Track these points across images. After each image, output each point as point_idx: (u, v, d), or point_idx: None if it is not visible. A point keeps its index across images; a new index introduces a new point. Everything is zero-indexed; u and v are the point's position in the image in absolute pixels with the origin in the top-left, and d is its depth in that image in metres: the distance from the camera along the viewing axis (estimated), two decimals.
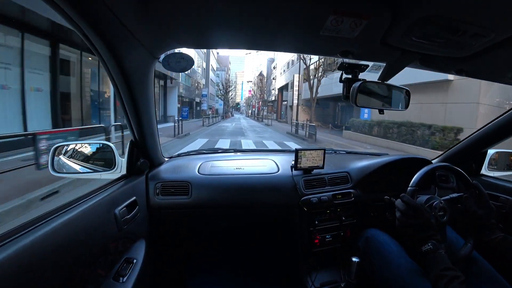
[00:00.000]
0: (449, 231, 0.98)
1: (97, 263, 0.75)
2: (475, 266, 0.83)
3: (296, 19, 0.60)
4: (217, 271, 1.47)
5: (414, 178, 0.84)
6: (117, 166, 0.96)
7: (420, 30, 0.56)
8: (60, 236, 0.60)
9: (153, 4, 0.56)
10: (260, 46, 0.84)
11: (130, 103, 0.86)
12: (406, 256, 0.88)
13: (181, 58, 0.89)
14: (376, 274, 0.91)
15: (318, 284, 1.18)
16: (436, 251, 0.69)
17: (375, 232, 1.03)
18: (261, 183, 1.18)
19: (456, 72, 0.84)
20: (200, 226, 1.26)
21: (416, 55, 0.71)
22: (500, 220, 0.85)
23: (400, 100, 0.85)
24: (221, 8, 0.58)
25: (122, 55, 0.70)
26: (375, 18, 0.56)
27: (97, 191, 0.82)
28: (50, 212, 0.64)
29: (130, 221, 0.88)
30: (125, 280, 0.81)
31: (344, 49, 0.75)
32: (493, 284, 0.78)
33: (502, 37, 0.56)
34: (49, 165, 0.90)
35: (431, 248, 0.69)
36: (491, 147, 1.26)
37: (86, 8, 0.53)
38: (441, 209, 0.80)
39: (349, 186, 1.24)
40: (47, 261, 0.55)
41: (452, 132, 7.91)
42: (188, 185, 1.13)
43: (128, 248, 0.93)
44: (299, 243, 1.22)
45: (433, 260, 0.68)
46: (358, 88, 0.75)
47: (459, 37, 0.57)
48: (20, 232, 0.54)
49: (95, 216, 0.73)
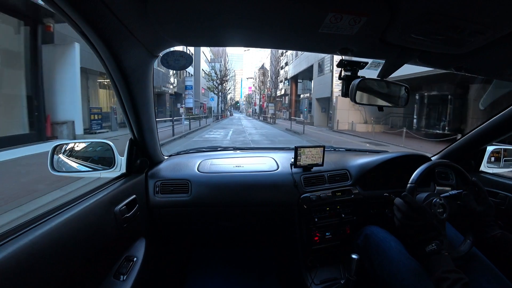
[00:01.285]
0: (449, 227, 0.99)
1: (97, 261, 0.75)
2: (475, 262, 0.84)
3: (295, 17, 0.60)
4: (217, 268, 1.47)
5: (413, 175, 0.84)
6: (117, 164, 0.96)
7: (419, 27, 0.56)
8: (60, 234, 0.60)
9: (151, 2, 0.56)
10: (259, 43, 0.84)
11: (129, 101, 0.85)
12: (406, 253, 0.89)
13: (180, 56, 0.89)
14: (376, 271, 0.91)
15: (317, 281, 1.19)
16: (440, 252, 0.68)
17: (375, 229, 1.04)
18: (261, 180, 1.18)
19: (455, 69, 0.84)
20: (200, 224, 1.26)
21: (415, 52, 0.71)
22: (499, 216, 0.85)
23: (399, 97, 0.85)
24: (219, 5, 0.57)
25: (120, 53, 0.70)
26: (374, 15, 0.56)
27: (97, 190, 0.82)
28: (50, 211, 0.64)
29: (130, 219, 0.88)
30: (125, 278, 0.82)
31: (343, 46, 0.75)
32: (493, 279, 0.78)
33: (501, 34, 0.56)
34: (49, 164, 0.90)
35: (434, 249, 0.68)
36: (490, 144, 1.26)
37: (84, 6, 0.53)
38: (440, 206, 0.80)
39: (349, 183, 1.24)
40: (47, 260, 0.55)
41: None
42: (188, 183, 1.13)
43: (128, 247, 0.93)
44: (299, 240, 1.22)
45: (436, 262, 0.67)
46: (357, 85, 0.75)
47: (458, 34, 0.57)
48: (20, 231, 0.54)
49: (95, 214, 0.73)
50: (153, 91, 0.95)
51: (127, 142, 1.00)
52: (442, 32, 0.57)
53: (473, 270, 0.81)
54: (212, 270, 1.46)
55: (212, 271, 1.45)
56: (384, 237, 0.97)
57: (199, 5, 0.57)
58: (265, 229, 1.34)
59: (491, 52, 0.67)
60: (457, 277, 0.63)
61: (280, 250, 1.45)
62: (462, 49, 0.66)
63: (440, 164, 0.92)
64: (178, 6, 0.58)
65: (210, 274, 1.43)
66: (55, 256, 0.58)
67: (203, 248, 1.57)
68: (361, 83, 0.76)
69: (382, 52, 0.78)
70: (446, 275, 0.64)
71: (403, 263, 0.85)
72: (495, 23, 0.52)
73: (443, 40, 0.61)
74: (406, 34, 0.60)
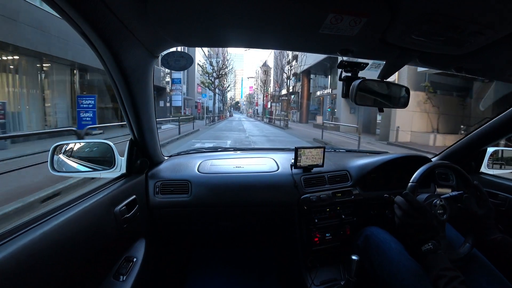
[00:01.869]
0: (449, 229, 0.98)
1: (97, 261, 0.75)
2: (475, 263, 0.83)
3: (296, 18, 0.60)
4: (217, 268, 1.47)
5: (415, 175, 0.84)
6: (117, 165, 0.96)
7: (420, 28, 0.56)
8: (60, 235, 0.60)
9: (151, 2, 0.56)
10: (259, 44, 0.84)
11: (129, 102, 0.85)
12: (406, 254, 0.88)
13: (181, 56, 0.89)
14: (376, 271, 0.91)
15: (317, 282, 1.19)
16: (436, 251, 0.69)
17: (375, 229, 1.03)
18: (261, 181, 1.18)
19: (456, 70, 0.84)
20: (200, 224, 1.26)
21: (415, 53, 0.71)
22: (499, 218, 0.85)
23: (400, 98, 0.85)
24: (220, 6, 0.57)
25: (121, 53, 0.70)
26: (375, 16, 0.56)
27: (97, 190, 0.82)
28: (50, 211, 0.64)
29: (130, 220, 0.88)
30: (125, 279, 0.82)
31: (343, 47, 0.75)
32: (493, 280, 0.78)
33: (501, 34, 0.56)
34: (49, 164, 0.90)
35: (431, 248, 0.69)
36: (491, 145, 1.26)
37: (85, 6, 0.53)
38: (440, 208, 0.80)
39: (349, 184, 1.24)
40: (47, 260, 0.55)
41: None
42: (188, 184, 1.13)
43: (128, 247, 0.93)
44: (299, 241, 1.22)
45: (433, 260, 0.68)
46: (358, 86, 0.75)
47: (458, 34, 0.57)
48: (20, 231, 0.54)
49: (95, 215, 0.73)
50: (153, 91, 0.95)
51: (128, 143, 1.00)
52: (442, 33, 0.57)
53: (473, 271, 0.81)
54: (212, 271, 1.45)
55: (212, 271, 1.45)
56: (384, 238, 0.97)
57: (199, 5, 0.57)
58: (265, 229, 1.34)
59: (491, 53, 0.67)
60: (454, 274, 0.63)
61: (280, 250, 1.45)
62: (462, 50, 0.66)
63: (440, 165, 0.92)
64: (178, 7, 0.58)
65: (210, 274, 1.43)
66: (55, 256, 0.58)
67: (203, 249, 1.57)
68: (361, 84, 0.76)
69: (382, 53, 0.78)
70: (443, 272, 0.64)
71: (403, 264, 0.84)
72: (495, 23, 0.52)
73: (443, 41, 0.61)
74: (406, 35, 0.61)
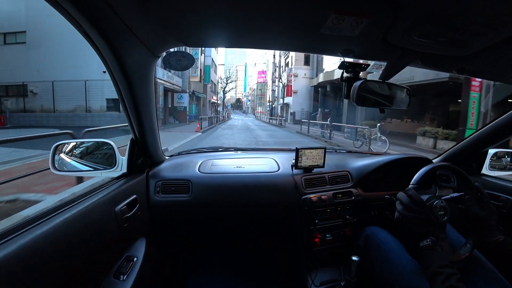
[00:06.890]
0: (450, 230, 0.98)
1: (97, 261, 0.75)
2: (476, 264, 0.83)
3: (297, 18, 0.60)
4: (217, 269, 1.47)
5: (415, 177, 0.84)
6: (118, 164, 0.96)
7: (421, 29, 0.56)
8: (61, 234, 0.60)
9: (153, 2, 0.56)
10: (261, 44, 0.84)
11: (130, 101, 0.86)
12: (406, 254, 0.88)
13: (182, 56, 0.89)
14: (376, 272, 0.91)
15: (318, 283, 1.19)
16: (434, 248, 0.70)
17: (375, 229, 1.03)
18: (262, 181, 1.18)
19: (457, 71, 0.84)
20: (200, 224, 1.26)
21: (417, 54, 0.71)
22: (500, 219, 0.85)
23: (401, 99, 0.85)
24: (221, 6, 0.57)
25: (122, 53, 0.70)
26: (377, 16, 0.56)
27: (98, 189, 0.82)
28: (50, 210, 0.64)
29: (131, 219, 0.88)
30: (126, 278, 0.82)
31: (345, 48, 0.75)
32: (493, 282, 0.78)
33: (503, 35, 0.56)
34: (50, 163, 0.90)
35: (429, 244, 0.70)
36: (492, 147, 1.26)
37: (87, 6, 0.53)
38: (441, 209, 0.80)
39: (350, 185, 1.24)
40: (47, 259, 0.55)
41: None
42: (189, 184, 1.13)
43: (129, 246, 0.93)
44: (299, 242, 1.22)
45: (430, 257, 0.69)
46: (359, 87, 0.75)
47: (460, 35, 0.57)
48: (21, 230, 0.54)
49: (96, 214, 0.73)
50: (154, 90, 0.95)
51: (129, 142, 1.01)
52: (444, 34, 0.57)
53: (474, 272, 0.81)
54: (212, 270, 1.45)
55: (212, 271, 1.45)
56: (385, 238, 0.97)
57: (201, 5, 0.57)
58: (265, 230, 1.34)
59: (493, 54, 0.67)
60: (451, 272, 0.64)
61: (281, 251, 1.45)
62: (464, 51, 0.66)
63: (441, 166, 0.92)
64: (180, 6, 0.58)
65: (210, 274, 1.43)
66: (56, 255, 0.58)
67: (203, 249, 1.57)
68: (362, 85, 0.76)
69: (384, 54, 0.78)
70: (440, 269, 0.65)
71: (403, 263, 0.84)
72: (498, 24, 0.52)
73: (445, 42, 0.61)
74: (408, 36, 0.60)
